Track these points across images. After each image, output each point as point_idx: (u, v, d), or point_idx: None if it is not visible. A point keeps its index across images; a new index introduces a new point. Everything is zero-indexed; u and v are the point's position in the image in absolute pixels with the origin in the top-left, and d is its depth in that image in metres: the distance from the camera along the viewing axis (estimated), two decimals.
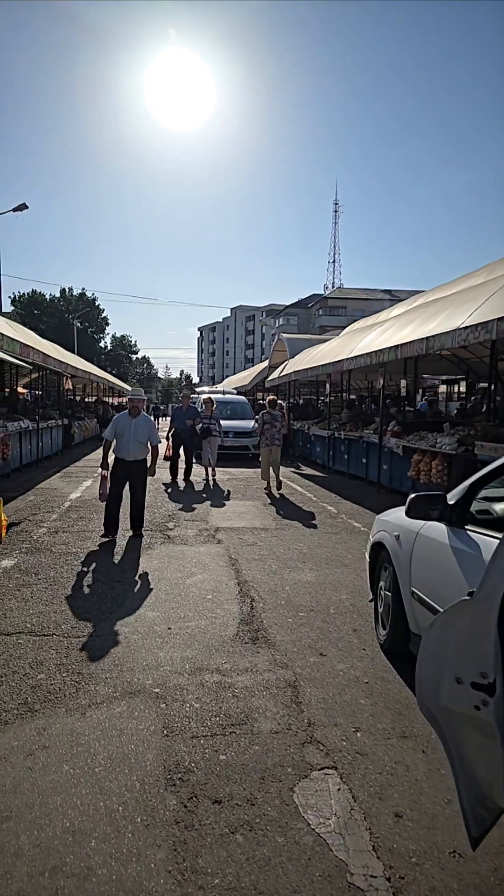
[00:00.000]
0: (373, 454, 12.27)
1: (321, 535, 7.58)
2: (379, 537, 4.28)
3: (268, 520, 8.43)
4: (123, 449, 6.85)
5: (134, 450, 6.85)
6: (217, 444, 12.29)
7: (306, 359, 17.34)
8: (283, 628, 4.39)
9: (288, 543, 7.06)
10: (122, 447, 6.86)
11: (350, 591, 5.34)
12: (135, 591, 5.09)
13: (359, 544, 7.17)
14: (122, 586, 5.22)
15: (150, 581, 5.39)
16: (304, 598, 5.11)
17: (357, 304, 64.49)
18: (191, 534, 7.33)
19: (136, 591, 5.09)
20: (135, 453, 6.87)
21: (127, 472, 6.91)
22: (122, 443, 6.85)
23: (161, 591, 5.10)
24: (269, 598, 5.06)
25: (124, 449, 6.85)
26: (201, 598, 4.95)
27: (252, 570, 5.85)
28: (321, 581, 5.63)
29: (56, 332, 48.83)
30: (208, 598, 4.95)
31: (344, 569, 6.10)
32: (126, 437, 6.83)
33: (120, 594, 5.01)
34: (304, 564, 6.18)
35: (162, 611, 4.63)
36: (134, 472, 6.93)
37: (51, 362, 11.49)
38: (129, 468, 6.89)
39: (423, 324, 9.80)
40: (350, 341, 14.23)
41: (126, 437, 6.83)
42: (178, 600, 4.88)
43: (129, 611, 4.60)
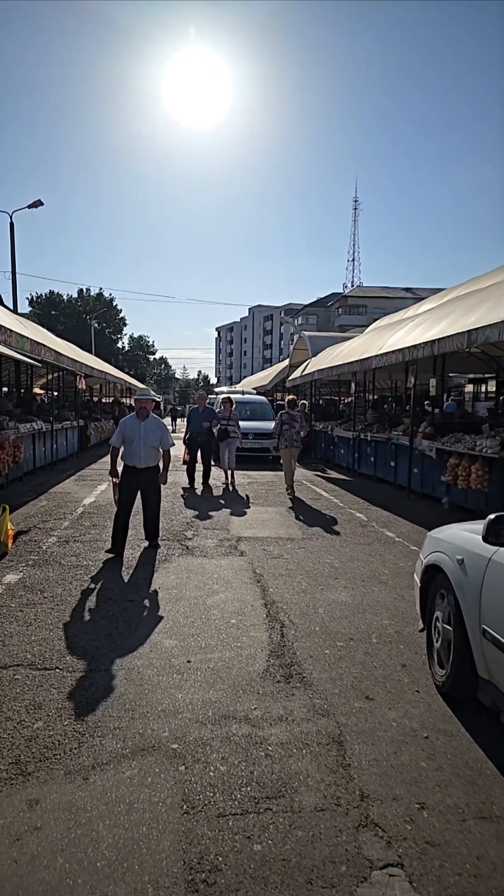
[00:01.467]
0: (402, 457, 11.62)
1: (352, 547, 6.96)
2: (434, 559, 3.66)
3: (293, 528, 7.83)
4: (133, 455, 6.21)
5: (145, 456, 6.22)
6: (236, 447, 11.67)
7: (329, 357, 16.72)
8: (320, 662, 3.79)
9: (317, 556, 6.47)
10: (132, 453, 6.21)
11: (392, 615, 4.73)
12: (149, 614, 4.53)
13: (395, 557, 6.56)
14: (135, 607, 4.67)
15: (167, 600, 4.83)
16: (341, 623, 4.51)
17: (377, 302, 63.62)
18: (211, 544, 6.76)
19: (151, 614, 4.53)
20: (146, 459, 6.24)
21: (138, 480, 6.28)
22: (131, 449, 6.21)
23: (179, 614, 4.53)
24: (300, 622, 4.47)
25: (134, 455, 6.21)
26: (224, 623, 4.37)
27: (280, 588, 5.26)
28: (358, 602, 5.02)
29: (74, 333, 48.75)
30: (232, 623, 4.38)
31: (382, 587, 5.49)
32: (135, 442, 6.18)
33: (133, 617, 4.45)
34: (337, 581, 5.57)
35: (180, 638, 4.06)
36: (146, 480, 6.31)
37: (63, 360, 11.04)
38: (141, 476, 6.27)
39: (461, 317, 9.13)
40: (377, 338, 13.57)
41: (135, 442, 6.18)
42: (199, 625, 4.31)
43: (143, 638, 4.05)
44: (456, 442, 9.77)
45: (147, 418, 6.30)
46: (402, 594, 5.29)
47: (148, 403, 6.42)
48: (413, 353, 9.93)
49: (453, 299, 12.05)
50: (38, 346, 9.25)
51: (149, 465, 6.29)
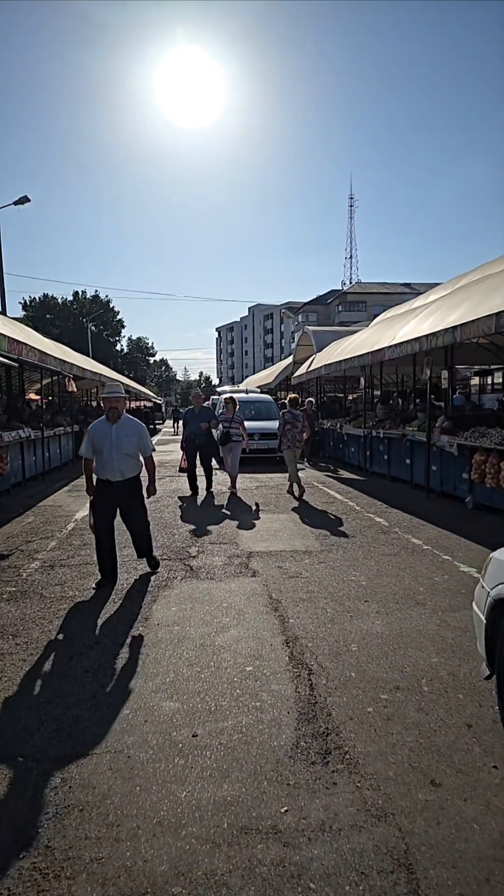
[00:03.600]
0: (419, 454, 10.79)
1: (377, 559, 6.11)
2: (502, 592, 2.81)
3: (309, 539, 6.98)
4: (105, 467, 5.17)
5: (120, 466, 5.16)
6: (240, 450, 10.65)
7: (336, 351, 15.87)
8: (364, 727, 2.95)
9: (340, 572, 5.62)
10: (103, 464, 5.17)
11: (440, 649, 3.88)
12: (145, 663, 3.67)
13: (427, 569, 5.72)
14: (128, 653, 3.82)
15: (167, 643, 3.98)
16: (381, 664, 3.66)
17: (376, 298, 63.09)
18: (218, 563, 5.92)
19: (148, 663, 3.68)
20: (121, 470, 5.18)
21: (114, 496, 5.22)
22: (102, 459, 5.17)
23: (182, 661, 3.69)
24: (332, 666, 3.62)
25: (106, 467, 5.16)
26: (238, 672, 3.53)
27: (301, 618, 4.42)
28: (396, 632, 4.17)
29: (71, 337, 47.94)
30: (248, 672, 3.53)
31: (420, 609, 4.64)
32: (106, 450, 5.12)
33: (125, 668, 3.60)
34: (368, 605, 4.72)
35: (183, 698, 3.21)
36: (124, 495, 5.25)
37: (49, 361, 10.16)
38: (117, 492, 5.20)
39: (482, 301, 8.27)
40: (387, 329, 12.73)
41: (106, 450, 5.12)
42: (206, 677, 3.47)
43: (137, 700, 3.20)
44: (480, 436, 8.94)
45: (119, 421, 5.21)
46: (446, 619, 4.44)
47: (118, 402, 5.26)
48: (432, 341, 9.08)
49: (466, 285, 11.21)
50: (19, 344, 8.39)
51: (126, 478, 5.23)
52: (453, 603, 4.82)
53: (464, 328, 8.10)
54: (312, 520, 8.09)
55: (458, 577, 5.55)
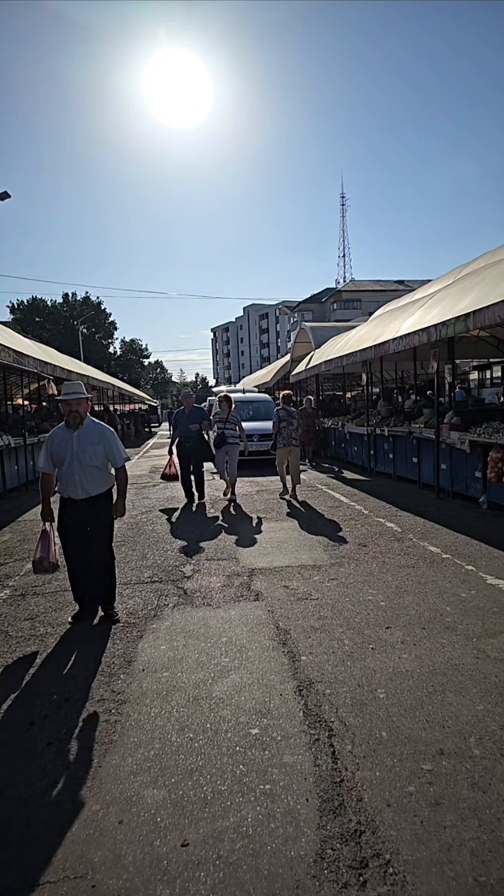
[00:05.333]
0: (427, 452, 10.12)
1: (394, 572, 5.43)
2: None
3: (316, 551, 6.29)
4: (66, 482, 4.27)
5: (82, 481, 4.23)
6: (237, 453, 9.73)
7: (335, 347, 15.18)
8: (407, 818, 2.25)
9: (354, 591, 4.93)
10: (64, 480, 4.28)
11: (484, 692, 3.19)
12: (125, 727, 2.95)
13: (451, 584, 5.04)
14: (104, 713, 3.09)
15: (153, 696, 3.27)
16: (416, 716, 2.97)
17: (371, 295, 62.66)
18: (216, 584, 5.21)
19: (128, 727, 2.95)
20: (84, 486, 4.25)
21: (79, 517, 4.31)
22: (62, 473, 4.28)
23: (171, 723, 2.98)
24: (356, 723, 2.92)
25: (67, 482, 4.26)
26: (242, 737, 2.82)
27: (315, 654, 3.72)
28: (428, 669, 3.48)
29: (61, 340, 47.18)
30: (254, 737, 2.83)
31: (450, 636, 3.95)
32: (67, 462, 4.23)
33: (99, 736, 2.88)
34: (391, 633, 4.03)
35: (171, 782, 2.50)
36: (89, 516, 4.31)
37: (27, 362, 9.37)
38: (82, 512, 4.29)
39: (495, 286, 7.61)
40: (389, 323, 12.04)
41: (67, 462, 4.23)
42: (202, 745, 2.76)
43: (110, 787, 2.48)
44: (495, 432, 8.27)
45: (81, 427, 4.28)
46: (482, 648, 3.76)
47: (81, 404, 4.29)
48: (442, 330, 8.39)
49: (472, 273, 10.55)
50: None
51: (91, 495, 4.29)
52: (488, 626, 4.13)
53: (477, 315, 7.42)
54: (319, 527, 7.39)
55: (486, 591, 4.87)
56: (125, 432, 26.62)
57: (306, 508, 8.75)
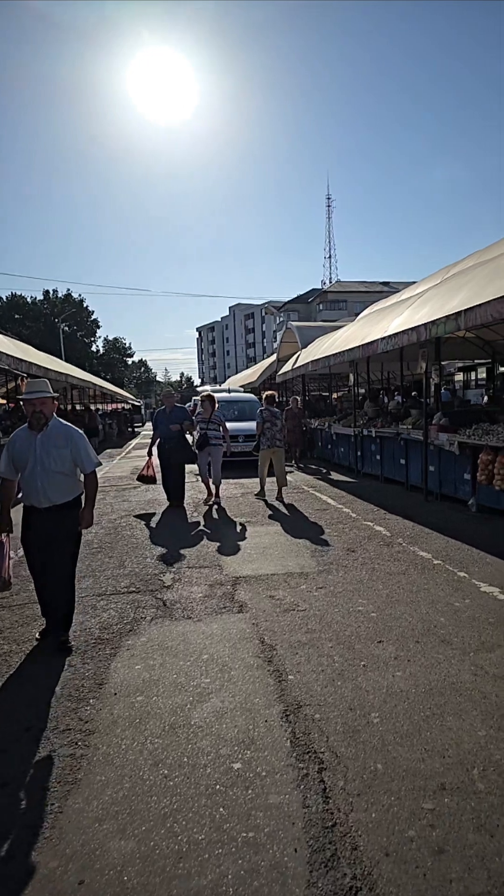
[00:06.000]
0: (415, 454, 9.94)
1: (385, 580, 5.19)
2: None
3: (304, 557, 6.03)
4: (28, 489, 3.86)
5: (46, 489, 3.81)
6: (220, 455, 9.39)
7: (322, 347, 14.97)
8: (408, 871, 1.99)
9: (343, 601, 4.68)
10: (26, 486, 3.86)
11: (485, 714, 2.95)
12: (91, 763, 2.64)
13: (443, 592, 4.81)
14: (69, 745, 2.78)
15: (125, 723, 2.97)
16: (413, 744, 2.71)
17: (356, 296, 62.82)
18: (197, 595, 4.92)
19: (95, 763, 2.65)
20: (48, 494, 3.82)
21: (43, 528, 3.87)
22: (24, 479, 3.86)
23: (144, 757, 2.69)
24: (349, 753, 2.66)
25: (30, 489, 3.85)
26: (223, 773, 2.54)
27: (303, 672, 3.46)
28: (424, 688, 3.23)
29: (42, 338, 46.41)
30: (236, 772, 2.55)
31: (446, 650, 3.72)
32: (29, 467, 3.82)
33: (61, 774, 2.57)
34: (383, 648, 3.78)
35: (141, 830, 2.21)
36: (53, 527, 3.86)
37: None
38: (45, 522, 3.86)
39: (487, 284, 7.42)
40: (376, 322, 11.84)
41: (29, 467, 3.82)
42: (177, 784, 2.47)
43: (71, 838, 2.18)
44: (485, 434, 8.10)
45: (46, 429, 3.86)
46: (480, 663, 3.53)
47: (45, 404, 3.86)
48: (432, 329, 8.19)
49: (461, 272, 10.40)
50: None
51: (55, 504, 3.85)
52: (484, 638, 3.91)
53: (468, 314, 7.21)
54: (306, 532, 7.13)
55: (480, 600, 4.65)
56: (107, 432, 26.17)
57: (292, 511, 8.49)
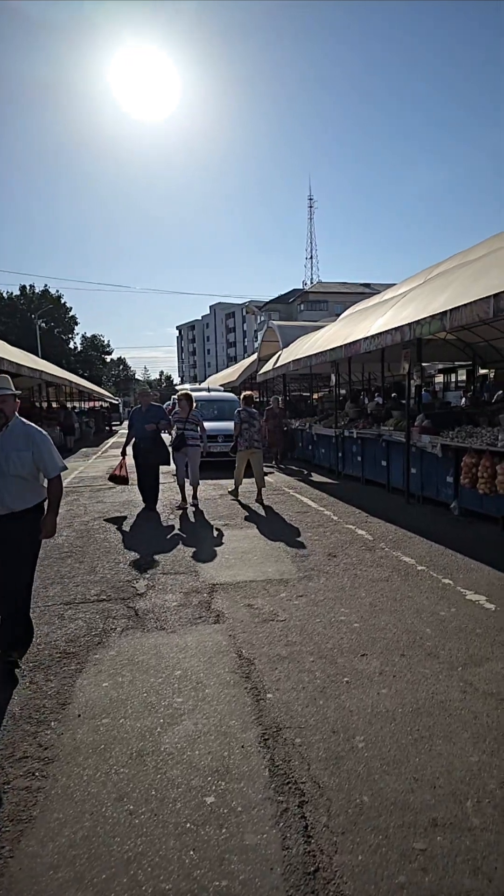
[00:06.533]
0: (396, 455, 9.81)
1: (368, 587, 5.00)
2: None
3: (284, 562, 5.81)
4: None
5: (4, 494, 3.47)
6: (198, 456, 9.07)
7: (303, 347, 14.80)
8: None
9: (325, 610, 4.47)
10: None
11: (476, 736, 2.76)
12: (49, 798, 2.38)
13: (428, 600, 4.64)
14: (26, 776, 2.51)
15: (89, 750, 2.70)
16: (401, 773, 2.51)
17: (337, 297, 63.08)
18: (172, 602, 4.67)
19: (52, 798, 2.38)
20: (5, 500, 3.47)
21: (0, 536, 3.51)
22: None
23: (107, 790, 2.44)
24: (332, 783, 2.45)
25: None
26: (193, 808, 2.30)
27: (283, 690, 3.23)
28: (411, 707, 3.04)
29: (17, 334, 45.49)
30: (209, 807, 2.31)
31: (433, 664, 3.53)
32: None
33: (16, 813, 2.29)
34: (367, 662, 3.58)
35: (101, 880, 1.95)
36: (10, 536, 3.50)
37: None
38: (3, 530, 3.49)
39: (472, 283, 7.30)
40: (359, 322, 11.71)
41: None
42: (142, 822, 2.23)
43: (26, 889, 1.93)
44: (469, 436, 7.98)
45: (6, 429, 3.53)
46: (469, 679, 3.35)
47: (4, 402, 3.52)
48: (416, 329, 8.05)
49: (445, 272, 10.31)
50: None
51: (13, 510, 3.49)
52: (472, 651, 3.73)
53: (454, 314, 7.08)
54: (286, 536, 6.92)
55: (466, 609, 4.48)
56: (84, 431, 25.68)
57: (272, 514, 8.28)
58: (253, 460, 9.36)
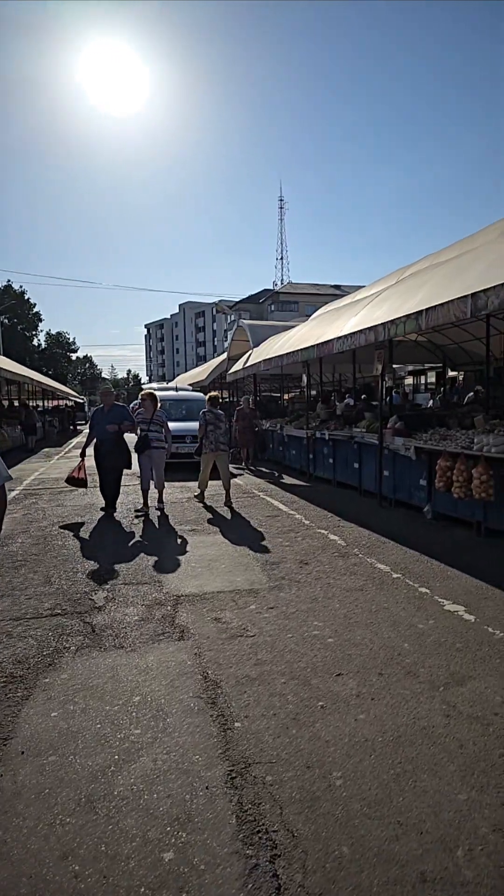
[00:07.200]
0: (368, 458, 9.65)
1: (342, 598, 4.76)
2: None
3: (253, 570, 5.53)
4: None
5: None
6: (163, 458, 8.61)
7: (274, 346, 14.57)
8: None
9: (297, 623, 4.21)
10: None
11: (464, 769, 2.52)
12: None
13: (405, 612, 4.43)
14: None
15: (31, 794, 2.36)
16: (385, 816, 2.25)
17: (308, 298, 63.32)
18: (132, 617, 4.33)
19: None
20: None
21: None
22: None
23: (49, 844, 2.10)
24: (307, 831, 2.17)
25: None
26: (149, 868, 1.99)
27: (252, 717, 2.94)
28: (392, 735, 2.78)
29: None
30: (166, 866, 2.00)
31: (412, 683, 3.30)
32: None
33: None
34: (343, 683, 3.32)
35: None
36: None
37: None
38: None
39: (449, 284, 7.17)
40: (332, 322, 11.54)
41: None
42: (88, 888, 1.89)
43: None
44: (442, 439, 7.86)
45: None
46: (452, 701, 3.12)
47: None
48: (391, 329, 7.88)
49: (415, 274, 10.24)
50: None
51: None
52: (453, 669, 3.51)
53: (430, 313, 6.92)
54: (255, 542, 6.65)
55: (445, 621, 4.28)
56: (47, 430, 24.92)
57: (241, 518, 7.99)
58: (219, 463, 9.06)
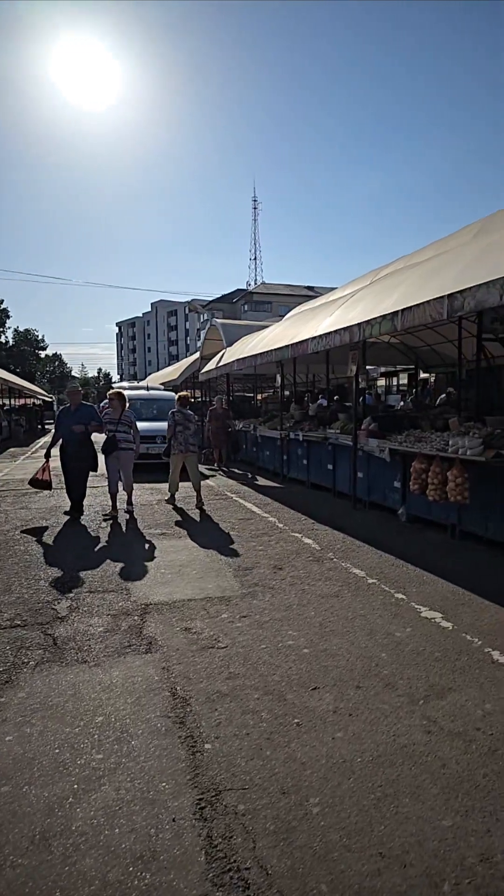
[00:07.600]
0: (342, 459, 9.58)
1: (316, 605, 4.61)
2: None
3: (225, 576, 5.35)
4: None
5: None
6: (131, 460, 8.35)
7: (248, 346, 14.40)
8: None
9: (270, 633, 4.04)
10: None
11: (447, 791, 2.39)
12: None
13: (382, 619, 4.31)
14: None
15: None
16: (366, 847, 2.09)
17: (281, 299, 63.45)
18: (97, 628, 4.10)
19: None
20: None
21: None
22: None
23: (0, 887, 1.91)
24: (283, 869, 1.99)
25: None
26: None
27: (224, 739, 2.76)
28: (371, 755, 2.64)
29: None
30: None
31: (391, 697, 3.16)
32: None
33: None
34: (319, 697, 3.16)
35: None
36: None
37: None
38: None
39: (423, 284, 7.10)
40: (306, 322, 11.42)
41: None
42: None
43: None
44: (417, 441, 7.80)
45: None
46: (432, 715, 2.99)
47: None
48: (366, 330, 7.78)
49: (389, 275, 10.20)
50: None
51: None
52: (433, 680, 3.39)
53: (406, 314, 6.84)
54: (228, 546, 6.46)
55: (422, 628, 4.17)
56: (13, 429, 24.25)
57: (213, 521, 7.79)
58: (188, 464, 8.85)
